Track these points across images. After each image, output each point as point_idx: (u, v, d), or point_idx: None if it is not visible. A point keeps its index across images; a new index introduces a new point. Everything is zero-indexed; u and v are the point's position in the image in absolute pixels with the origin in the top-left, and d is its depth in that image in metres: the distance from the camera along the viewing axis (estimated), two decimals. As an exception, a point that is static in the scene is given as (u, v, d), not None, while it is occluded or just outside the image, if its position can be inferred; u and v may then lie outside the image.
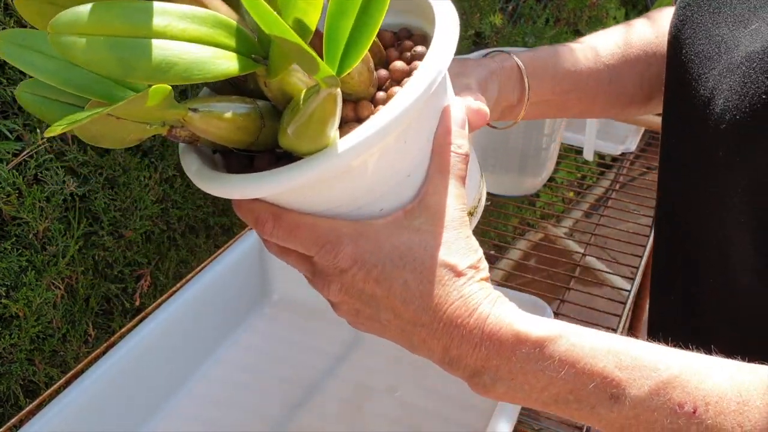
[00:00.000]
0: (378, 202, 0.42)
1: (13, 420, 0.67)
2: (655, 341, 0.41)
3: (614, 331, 0.87)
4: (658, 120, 0.57)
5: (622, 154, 1.33)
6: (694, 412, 0.38)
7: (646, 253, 1.05)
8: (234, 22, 0.36)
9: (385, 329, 0.42)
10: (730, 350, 0.40)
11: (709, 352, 0.40)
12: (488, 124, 0.48)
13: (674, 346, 0.41)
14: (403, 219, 0.42)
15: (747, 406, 0.37)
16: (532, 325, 0.40)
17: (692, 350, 0.41)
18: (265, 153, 0.42)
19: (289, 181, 0.38)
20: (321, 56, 0.35)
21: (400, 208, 0.43)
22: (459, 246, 0.42)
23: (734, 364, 0.39)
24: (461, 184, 0.43)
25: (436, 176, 0.43)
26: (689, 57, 0.52)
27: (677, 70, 0.54)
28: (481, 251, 0.43)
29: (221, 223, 1.11)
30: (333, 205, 0.42)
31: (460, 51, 0.51)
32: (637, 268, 1.04)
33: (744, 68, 0.45)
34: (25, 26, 0.73)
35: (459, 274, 0.41)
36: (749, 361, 0.40)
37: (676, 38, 0.54)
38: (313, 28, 0.35)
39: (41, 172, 0.79)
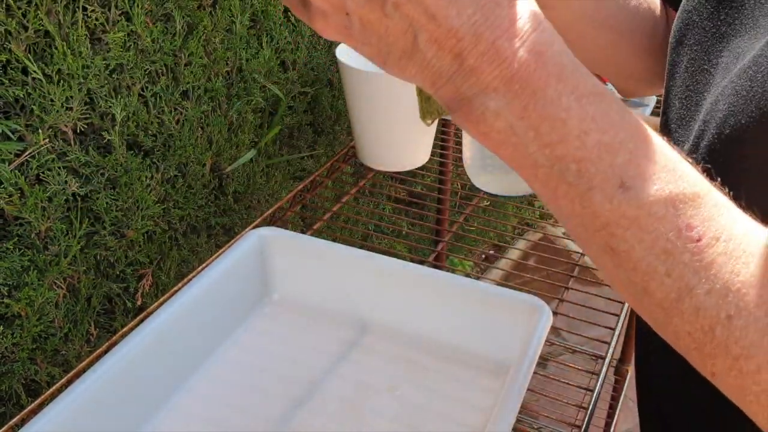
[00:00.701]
0: None
1: (15, 419, 0.67)
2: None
3: (612, 331, 0.88)
4: (658, 121, 0.57)
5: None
6: (699, 240, 0.34)
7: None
8: None
9: (384, 19, 0.35)
10: None
11: None
12: None
13: None
14: None
15: (753, 258, 0.34)
16: (584, 67, 0.35)
17: None
18: None
19: None
20: None
21: None
22: None
23: (754, 222, 0.36)
24: None
25: None
26: (700, 66, 0.50)
27: (681, 75, 0.52)
28: None
29: (222, 223, 1.12)
30: None
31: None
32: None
33: (751, 72, 0.44)
34: (27, 27, 0.73)
35: None
36: None
37: (680, 43, 0.53)
38: None
39: (43, 173, 0.79)
